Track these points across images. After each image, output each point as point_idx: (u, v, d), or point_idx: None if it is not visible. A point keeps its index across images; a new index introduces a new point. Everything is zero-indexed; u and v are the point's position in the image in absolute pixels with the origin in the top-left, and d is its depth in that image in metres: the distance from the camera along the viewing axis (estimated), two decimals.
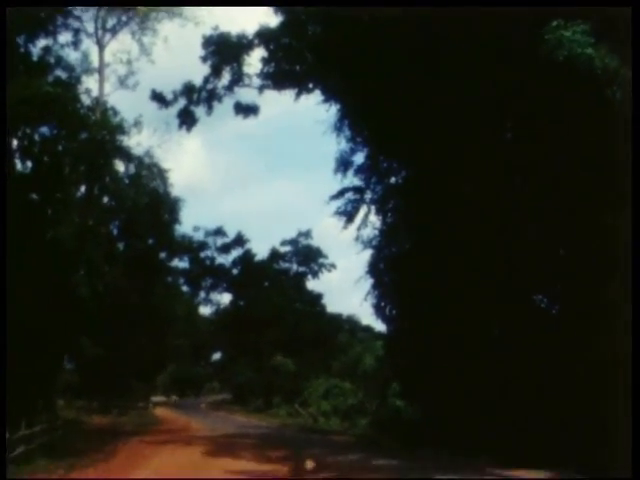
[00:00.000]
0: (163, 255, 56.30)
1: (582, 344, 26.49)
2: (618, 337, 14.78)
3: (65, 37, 40.40)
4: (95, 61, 46.20)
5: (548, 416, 27.34)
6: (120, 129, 38.94)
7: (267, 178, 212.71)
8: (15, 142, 36.22)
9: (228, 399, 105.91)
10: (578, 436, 25.41)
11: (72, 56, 42.51)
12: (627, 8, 17.08)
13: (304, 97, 40.64)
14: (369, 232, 40.40)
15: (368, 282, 40.28)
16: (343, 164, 39.99)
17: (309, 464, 23.37)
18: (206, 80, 42.03)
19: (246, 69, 41.69)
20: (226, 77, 41.98)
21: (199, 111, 43.83)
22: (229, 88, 42.40)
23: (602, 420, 23.35)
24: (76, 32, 42.44)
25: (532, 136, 28.86)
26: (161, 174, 45.67)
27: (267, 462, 27.37)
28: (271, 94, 44.05)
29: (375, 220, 40.47)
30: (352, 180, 40.41)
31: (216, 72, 41.59)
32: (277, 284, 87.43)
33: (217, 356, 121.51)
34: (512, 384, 29.37)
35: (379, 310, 40.59)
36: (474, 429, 30.19)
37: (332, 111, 39.13)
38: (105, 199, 44.98)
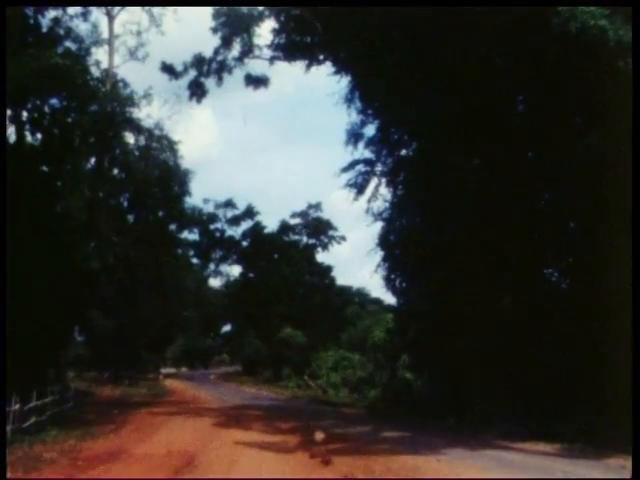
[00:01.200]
0: (173, 227, 56.37)
1: (592, 318, 26.48)
2: (628, 313, 14.71)
3: (74, 8, 40.05)
4: (105, 32, 45.92)
5: (556, 389, 27.39)
6: (130, 101, 38.84)
7: (277, 150, 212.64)
8: (25, 114, 36.15)
9: (238, 371, 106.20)
10: (586, 410, 25.44)
11: (82, 27, 42.25)
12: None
13: (315, 69, 40.36)
14: (379, 204, 40.40)
15: (378, 254, 40.38)
16: (354, 136, 39.89)
17: (319, 435, 23.43)
18: (216, 51, 41.69)
19: (256, 40, 41.31)
20: (236, 48, 41.59)
21: (209, 83, 43.55)
22: (239, 59, 42.03)
23: (610, 394, 23.36)
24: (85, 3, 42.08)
25: (544, 108, 28.69)
26: (171, 146, 45.63)
27: (277, 433, 27.46)
28: (282, 66, 43.78)
29: (386, 192, 40.46)
30: (363, 152, 40.38)
31: (226, 43, 41.22)
32: (287, 256, 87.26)
33: (227, 328, 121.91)
34: (521, 357, 29.40)
35: (389, 282, 40.64)
36: (483, 401, 30.30)
37: (343, 83, 38.98)
38: (115, 171, 45.01)
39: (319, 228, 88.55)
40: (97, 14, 45.82)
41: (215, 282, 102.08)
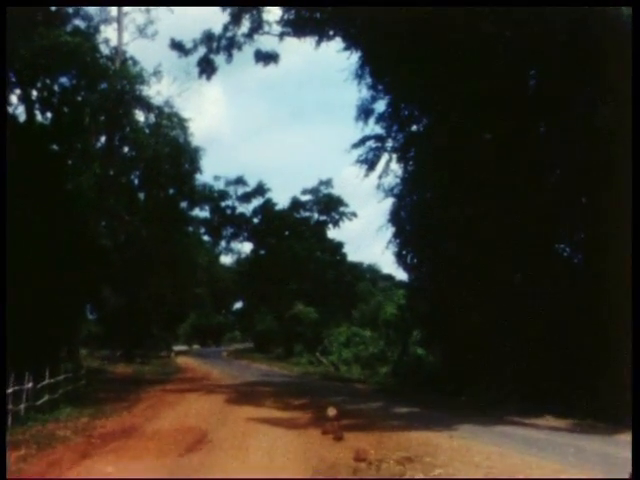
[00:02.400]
0: (184, 205, 56.36)
1: (604, 293, 26.38)
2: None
3: None
4: (113, 10, 45.73)
5: (569, 365, 27.37)
6: (140, 79, 38.75)
7: (288, 127, 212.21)
8: (35, 93, 36.16)
9: (249, 348, 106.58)
10: (598, 386, 25.42)
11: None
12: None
13: (325, 44, 40.07)
14: (390, 180, 40.31)
15: (389, 231, 40.31)
16: (364, 112, 39.73)
17: (331, 411, 23.46)
18: (226, 28, 41.45)
19: (266, 16, 41.08)
20: (246, 25, 41.34)
21: (219, 59, 43.38)
22: (249, 36, 41.80)
23: (622, 371, 23.32)
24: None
25: (555, 81, 28.51)
26: (181, 123, 45.56)
27: (289, 410, 27.59)
28: (291, 42, 43.58)
29: (396, 168, 40.36)
30: (373, 128, 40.24)
31: (236, 20, 40.99)
32: (298, 233, 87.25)
33: (238, 305, 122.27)
34: (533, 332, 29.36)
35: (400, 258, 40.59)
36: (494, 377, 30.31)
37: (353, 58, 38.72)
38: (125, 149, 45.03)
39: (330, 205, 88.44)
40: None
41: (226, 259, 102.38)
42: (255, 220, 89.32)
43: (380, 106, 39.76)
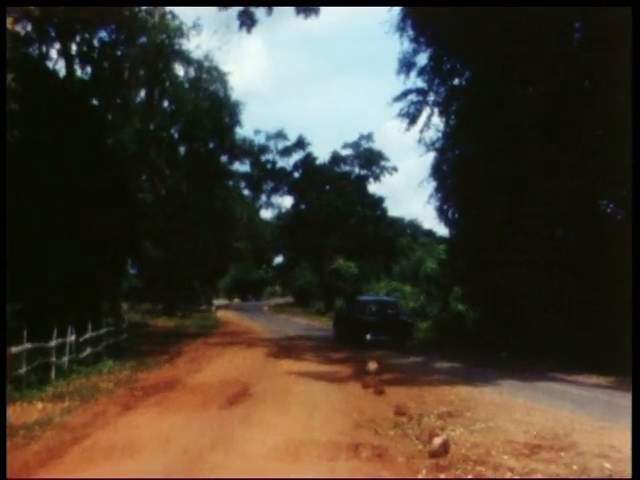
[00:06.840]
0: (224, 159, 56.46)
1: None
2: None
3: None
4: None
5: (610, 322, 27.07)
6: (179, 32, 38.64)
7: (328, 80, 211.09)
8: (74, 47, 36.12)
9: (289, 302, 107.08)
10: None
11: None
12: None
13: None
14: (432, 134, 39.90)
15: (430, 185, 40.04)
16: (406, 65, 39.23)
17: (371, 365, 23.53)
18: None
19: None
20: None
21: (259, 12, 42.89)
22: None
23: None
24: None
25: (601, 35, 27.91)
26: (221, 77, 45.54)
27: (329, 363, 27.64)
28: None
29: (438, 122, 39.95)
30: (415, 81, 39.77)
31: None
32: (338, 187, 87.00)
33: (279, 259, 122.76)
34: (575, 288, 29.09)
35: (442, 213, 40.32)
36: (536, 333, 30.13)
37: (394, 11, 38.18)
38: (165, 103, 45.03)
39: (371, 159, 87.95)
40: None
41: (267, 213, 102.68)
42: (295, 174, 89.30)
43: (422, 59, 39.29)
